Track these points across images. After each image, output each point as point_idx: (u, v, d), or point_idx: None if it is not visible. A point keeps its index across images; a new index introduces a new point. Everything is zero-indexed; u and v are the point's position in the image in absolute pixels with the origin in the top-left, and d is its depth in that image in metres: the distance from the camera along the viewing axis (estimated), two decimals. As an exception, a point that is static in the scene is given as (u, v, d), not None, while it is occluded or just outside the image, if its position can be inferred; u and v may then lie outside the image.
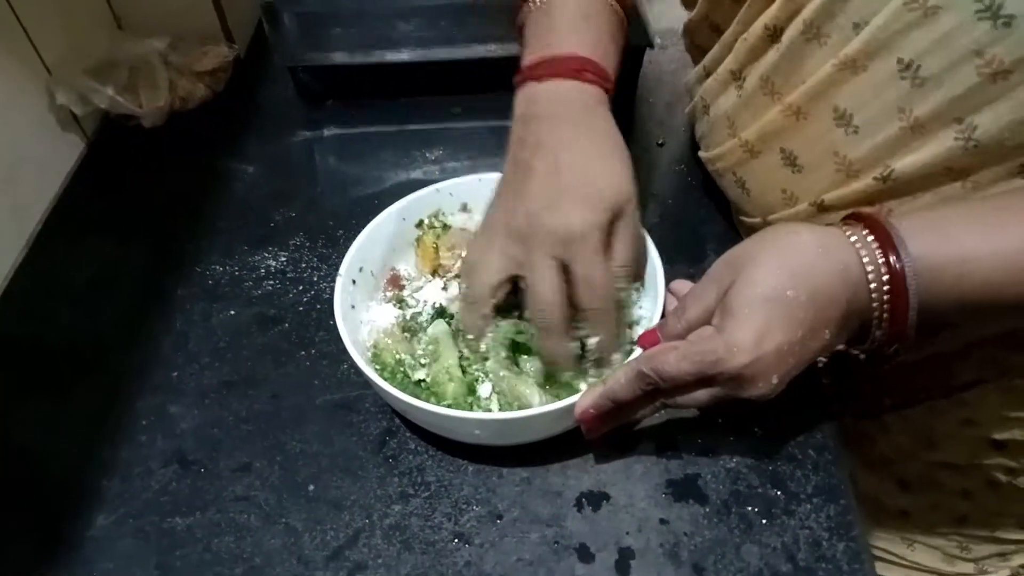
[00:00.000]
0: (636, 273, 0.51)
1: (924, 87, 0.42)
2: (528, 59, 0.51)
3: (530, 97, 0.50)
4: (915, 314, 0.41)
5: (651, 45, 0.73)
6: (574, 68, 0.49)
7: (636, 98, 0.79)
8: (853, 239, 0.42)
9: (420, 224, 0.58)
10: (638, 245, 0.50)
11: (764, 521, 0.47)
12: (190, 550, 0.47)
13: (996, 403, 0.55)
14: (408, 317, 0.54)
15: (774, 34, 0.50)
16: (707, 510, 0.47)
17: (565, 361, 0.48)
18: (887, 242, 0.41)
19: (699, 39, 0.62)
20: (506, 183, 0.49)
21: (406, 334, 0.53)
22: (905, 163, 0.45)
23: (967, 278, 0.40)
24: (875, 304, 0.42)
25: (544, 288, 0.45)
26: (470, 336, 0.50)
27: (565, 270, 0.45)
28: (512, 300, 0.50)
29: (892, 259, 0.40)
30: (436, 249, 0.58)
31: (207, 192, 0.70)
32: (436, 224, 0.58)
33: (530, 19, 0.53)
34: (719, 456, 0.50)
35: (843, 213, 0.46)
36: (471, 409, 0.48)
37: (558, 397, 0.48)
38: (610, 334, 0.47)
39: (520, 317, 0.51)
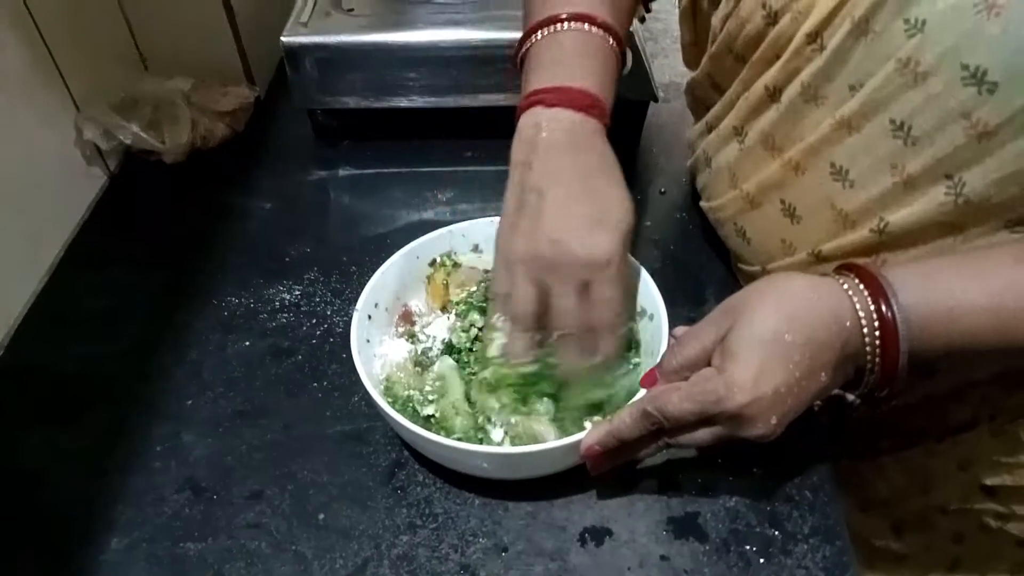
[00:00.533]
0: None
1: (915, 146, 0.45)
2: (535, 86, 0.52)
3: (536, 123, 0.50)
4: (906, 359, 0.43)
5: (655, 99, 0.76)
6: (583, 102, 0.50)
7: (639, 148, 0.82)
8: (846, 287, 0.44)
9: (433, 263, 0.60)
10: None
11: (762, 560, 0.48)
12: (201, 575, 0.47)
13: (988, 448, 0.56)
14: (419, 352, 0.56)
15: (774, 94, 0.53)
16: (707, 548, 0.48)
17: (585, 372, 0.50)
18: (878, 291, 0.43)
19: (701, 96, 0.65)
20: (517, 208, 0.50)
21: (418, 368, 0.55)
22: (899, 216, 0.47)
23: (955, 325, 0.42)
24: (867, 350, 0.43)
25: (567, 309, 0.48)
26: (514, 361, 0.51)
27: (584, 292, 0.48)
28: None
29: (883, 308, 0.42)
30: (446, 286, 0.60)
31: (225, 227, 0.72)
32: (447, 262, 0.60)
33: (532, 52, 0.54)
34: (719, 495, 0.51)
35: (839, 263, 0.48)
36: (480, 442, 0.50)
37: (566, 433, 0.49)
38: (615, 348, 0.50)
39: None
